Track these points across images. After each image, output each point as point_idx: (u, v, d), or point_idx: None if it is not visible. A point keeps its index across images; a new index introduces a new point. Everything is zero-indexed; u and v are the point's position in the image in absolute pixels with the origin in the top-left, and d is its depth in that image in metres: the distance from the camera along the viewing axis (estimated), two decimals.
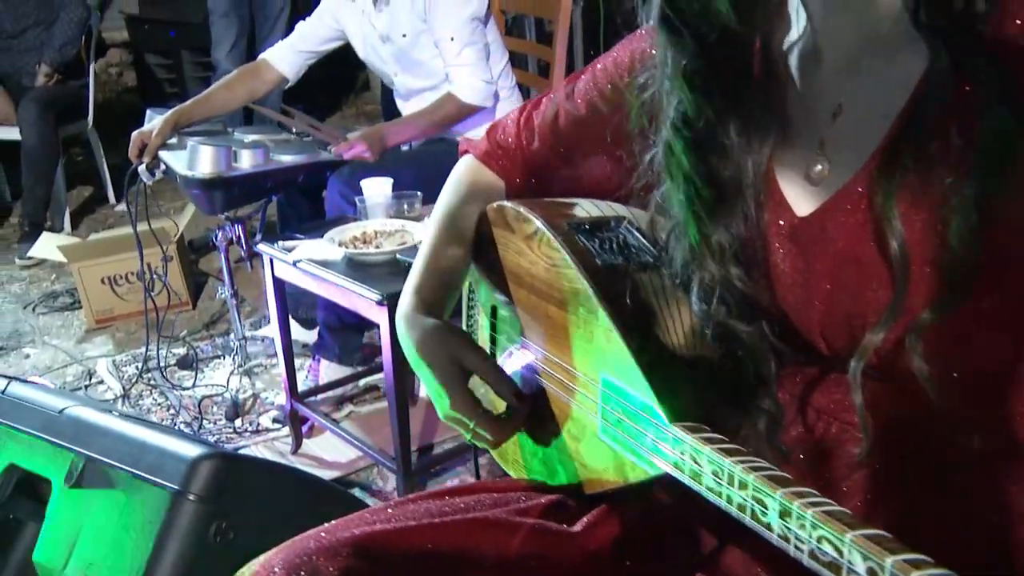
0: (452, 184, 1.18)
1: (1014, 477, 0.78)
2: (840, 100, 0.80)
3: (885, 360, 0.76)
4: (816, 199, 0.81)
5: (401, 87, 2.86)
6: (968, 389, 0.75)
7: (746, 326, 0.82)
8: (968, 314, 0.72)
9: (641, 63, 0.99)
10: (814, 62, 0.82)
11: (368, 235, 2.23)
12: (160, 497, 1.52)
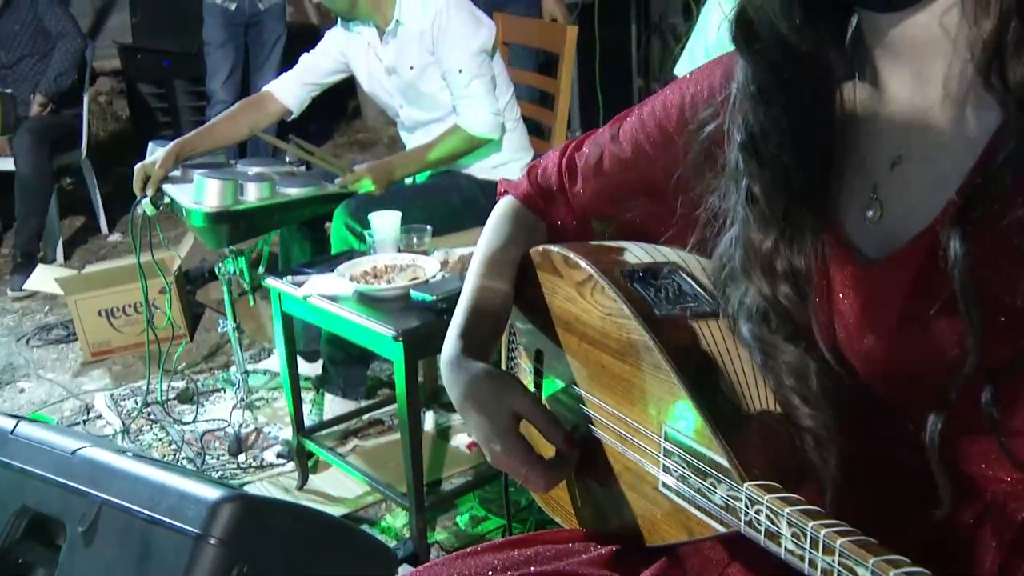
0: (493, 225, 1.17)
1: None
2: (901, 151, 0.80)
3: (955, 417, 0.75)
4: (873, 245, 0.81)
5: (407, 119, 2.86)
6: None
7: (793, 347, 0.82)
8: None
9: (692, 106, 0.99)
10: (877, 106, 0.82)
11: (379, 270, 2.21)
12: (180, 542, 1.50)
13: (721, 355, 0.86)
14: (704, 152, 0.95)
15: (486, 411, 0.97)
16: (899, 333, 0.78)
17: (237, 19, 4.60)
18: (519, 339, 1.17)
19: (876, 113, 0.82)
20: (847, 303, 0.82)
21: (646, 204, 1.08)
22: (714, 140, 0.94)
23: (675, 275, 0.98)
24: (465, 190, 2.77)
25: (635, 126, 1.07)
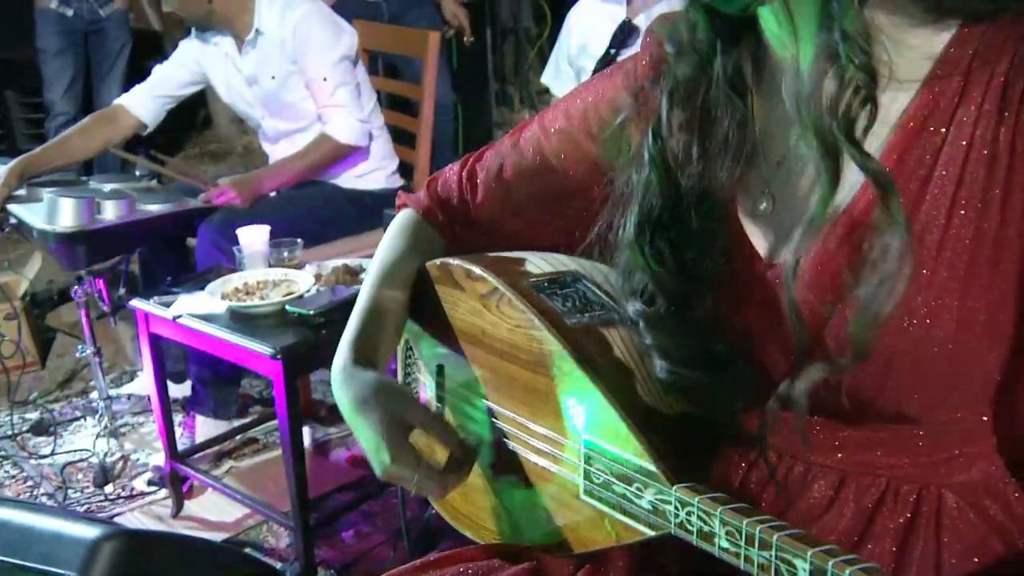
0: (390, 238, 1.15)
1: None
2: (785, 152, 0.84)
3: (859, 400, 0.79)
4: (769, 242, 0.85)
5: (269, 130, 2.79)
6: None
7: (674, 319, 0.86)
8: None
9: (595, 110, 1.01)
10: (771, 107, 0.86)
11: (251, 286, 2.15)
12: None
13: (635, 362, 0.88)
14: (611, 147, 0.98)
15: (376, 420, 0.96)
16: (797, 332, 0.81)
17: (75, 26, 4.36)
18: (417, 354, 1.16)
19: (769, 113, 0.86)
20: (750, 297, 0.84)
21: (547, 212, 1.09)
22: (620, 135, 0.96)
23: (579, 283, 0.99)
24: (332, 200, 2.72)
25: (537, 134, 1.08)
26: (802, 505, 0.86)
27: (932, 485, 0.83)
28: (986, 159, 0.73)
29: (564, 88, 2.44)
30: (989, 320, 0.75)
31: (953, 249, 0.74)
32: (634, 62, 1.00)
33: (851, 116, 0.74)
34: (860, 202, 0.78)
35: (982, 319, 0.75)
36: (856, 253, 0.76)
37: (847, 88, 0.74)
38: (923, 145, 0.75)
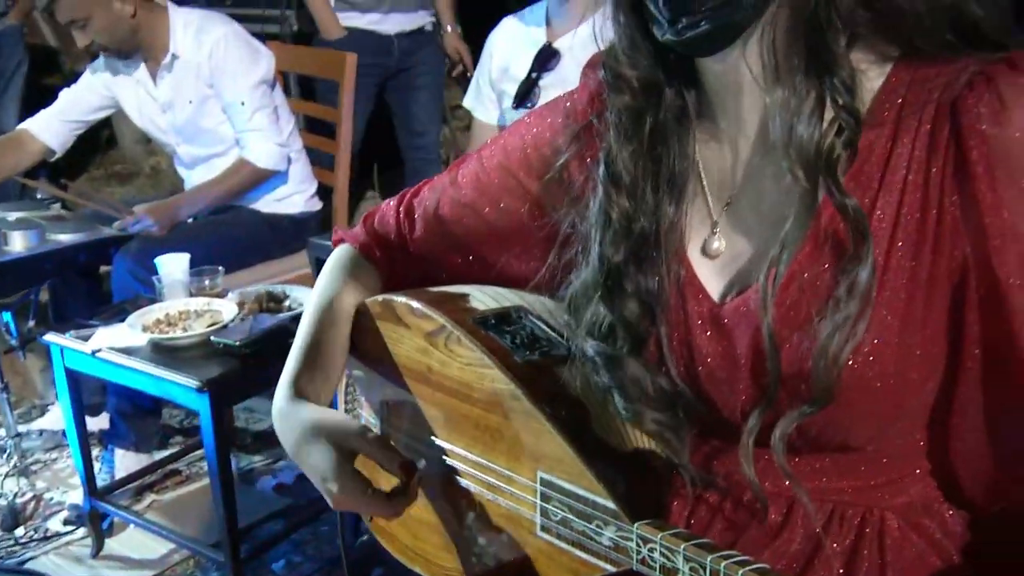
0: (327, 274, 1.14)
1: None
2: (732, 192, 0.87)
3: (806, 434, 0.82)
4: (721, 281, 0.87)
5: (185, 156, 2.73)
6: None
7: (635, 360, 0.87)
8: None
9: (535, 147, 1.02)
10: (715, 146, 0.88)
11: (173, 317, 2.10)
12: None
13: (586, 396, 0.89)
14: (553, 187, 0.99)
15: (320, 452, 0.96)
16: (751, 372, 0.84)
17: None
18: (359, 391, 1.16)
19: (715, 154, 0.88)
20: (704, 336, 0.87)
21: (486, 248, 1.09)
22: (562, 176, 0.98)
23: (525, 319, 1.00)
24: (251, 225, 2.68)
25: (475, 170, 1.08)
26: (753, 531, 0.88)
27: (875, 508, 0.86)
28: (919, 201, 0.77)
29: (487, 111, 2.46)
30: (924, 354, 0.78)
31: (892, 289, 0.77)
32: (572, 99, 1.01)
33: (833, 156, 0.76)
34: (826, 242, 0.80)
35: (919, 354, 0.78)
36: (820, 290, 0.79)
37: (831, 128, 0.77)
38: (863, 186, 0.78)
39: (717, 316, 0.86)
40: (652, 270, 0.88)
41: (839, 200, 0.76)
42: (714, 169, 0.89)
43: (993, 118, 0.73)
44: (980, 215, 0.74)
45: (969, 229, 0.75)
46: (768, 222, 0.84)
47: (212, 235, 2.59)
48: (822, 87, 0.77)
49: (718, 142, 0.88)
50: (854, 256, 0.76)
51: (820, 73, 0.77)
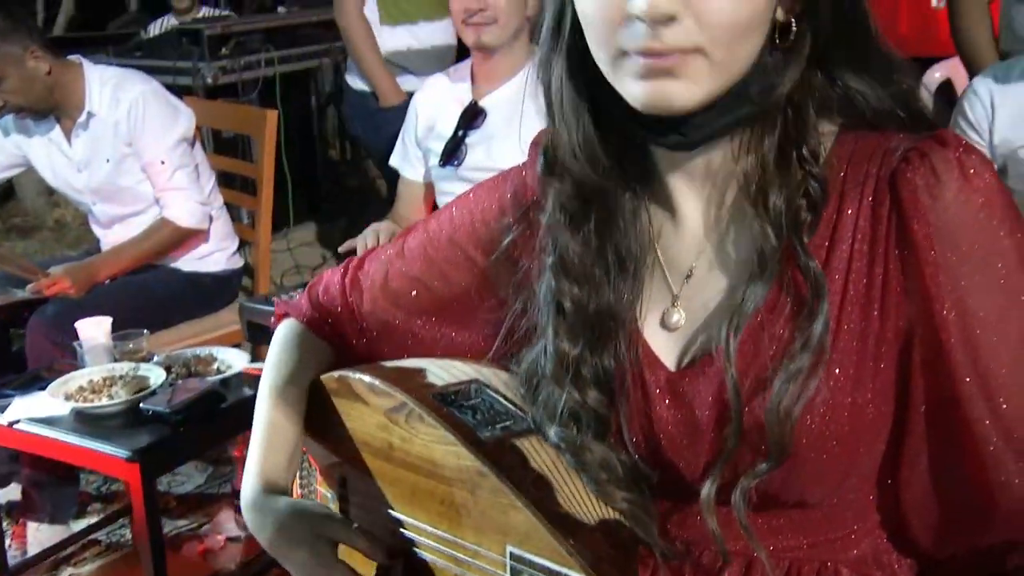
0: (277, 352, 1.14)
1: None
2: (693, 264, 0.91)
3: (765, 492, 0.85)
4: (679, 351, 0.90)
5: (101, 215, 2.68)
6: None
7: (600, 444, 0.89)
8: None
9: (483, 222, 1.04)
10: (672, 223, 0.92)
11: (97, 384, 2.04)
12: None
13: (551, 470, 0.91)
14: (499, 269, 1.01)
15: (303, 547, 0.96)
16: (713, 434, 0.87)
17: None
18: (313, 466, 1.15)
19: (672, 230, 0.92)
20: (663, 404, 0.90)
21: (436, 319, 1.11)
22: (510, 254, 1.00)
23: (483, 393, 1.02)
24: (172, 284, 2.64)
25: (423, 243, 1.09)
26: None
27: (829, 562, 0.90)
28: (866, 268, 0.82)
29: (414, 169, 2.47)
30: (875, 413, 0.83)
31: (843, 350, 0.82)
32: (519, 174, 1.04)
33: (800, 220, 0.81)
34: (785, 301, 0.84)
35: (870, 413, 0.83)
36: (774, 349, 0.83)
37: (797, 193, 0.82)
38: (815, 250, 0.83)
39: (675, 384, 0.89)
40: (609, 351, 0.90)
41: (804, 261, 0.81)
42: (671, 244, 0.92)
43: (929, 191, 0.79)
44: (922, 281, 0.80)
45: (912, 294, 0.81)
46: (728, 290, 0.88)
47: (132, 296, 2.53)
48: (792, 156, 0.82)
49: (675, 217, 0.91)
50: (810, 312, 0.81)
51: (791, 143, 0.82)
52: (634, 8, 0.74)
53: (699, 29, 0.75)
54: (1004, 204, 0.79)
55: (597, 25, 0.79)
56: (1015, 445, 0.80)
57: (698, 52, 0.76)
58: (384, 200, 5.30)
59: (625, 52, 0.77)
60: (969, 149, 0.80)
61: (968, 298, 0.79)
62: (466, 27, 2.21)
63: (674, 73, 0.76)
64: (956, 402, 0.80)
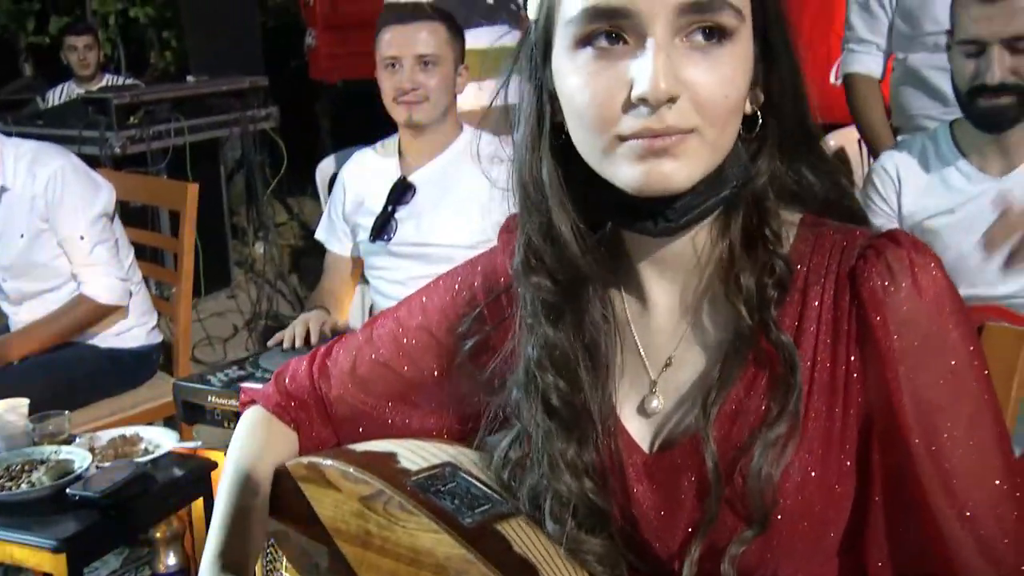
0: (242, 438, 1.13)
1: None
2: (672, 353, 0.95)
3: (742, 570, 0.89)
4: (657, 433, 0.94)
5: (12, 292, 2.59)
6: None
7: (599, 539, 0.92)
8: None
9: (454, 309, 1.07)
10: (646, 312, 0.96)
11: (15, 470, 1.96)
12: None
13: (534, 554, 0.93)
14: (471, 355, 1.04)
15: None
16: (692, 511, 0.91)
17: None
18: (278, 552, 1.14)
19: (645, 317, 0.96)
20: (642, 489, 0.93)
21: (403, 403, 1.12)
22: (483, 340, 1.03)
23: (458, 477, 1.03)
24: (90, 362, 2.57)
25: (392, 330, 1.12)
26: None
27: None
28: (830, 356, 0.88)
29: (340, 244, 2.48)
30: (841, 492, 0.88)
31: (812, 428, 0.87)
32: (491, 258, 1.07)
33: (768, 296, 0.87)
34: (756, 376, 0.89)
35: (837, 491, 0.88)
36: (751, 422, 0.88)
37: (764, 272, 0.87)
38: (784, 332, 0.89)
39: (653, 467, 0.93)
40: (592, 440, 0.93)
41: (776, 336, 0.87)
42: (647, 331, 0.96)
43: (884, 286, 0.85)
44: (882, 369, 0.86)
45: (871, 381, 0.87)
46: (705, 370, 0.92)
47: (49, 375, 2.45)
48: (757, 239, 0.88)
49: (646, 304, 0.96)
50: (785, 384, 0.86)
51: (757, 227, 0.88)
52: (637, 92, 0.78)
53: (694, 110, 0.80)
54: (952, 298, 0.86)
55: (594, 115, 0.82)
56: (968, 525, 0.86)
57: (694, 132, 0.80)
58: (291, 269, 5.29)
59: (623, 138, 0.81)
60: (919, 248, 0.87)
61: (922, 385, 0.85)
62: (397, 105, 2.25)
63: (672, 153, 0.80)
64: (915, 482, 0.86)
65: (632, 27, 0.79)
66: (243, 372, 1.93)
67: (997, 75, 1.85)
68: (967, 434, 0.85)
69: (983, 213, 1.98)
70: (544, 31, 0.87)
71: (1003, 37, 1.83)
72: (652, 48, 0.78)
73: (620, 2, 0.78)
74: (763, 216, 0.89)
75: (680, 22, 0.79)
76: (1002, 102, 1.88)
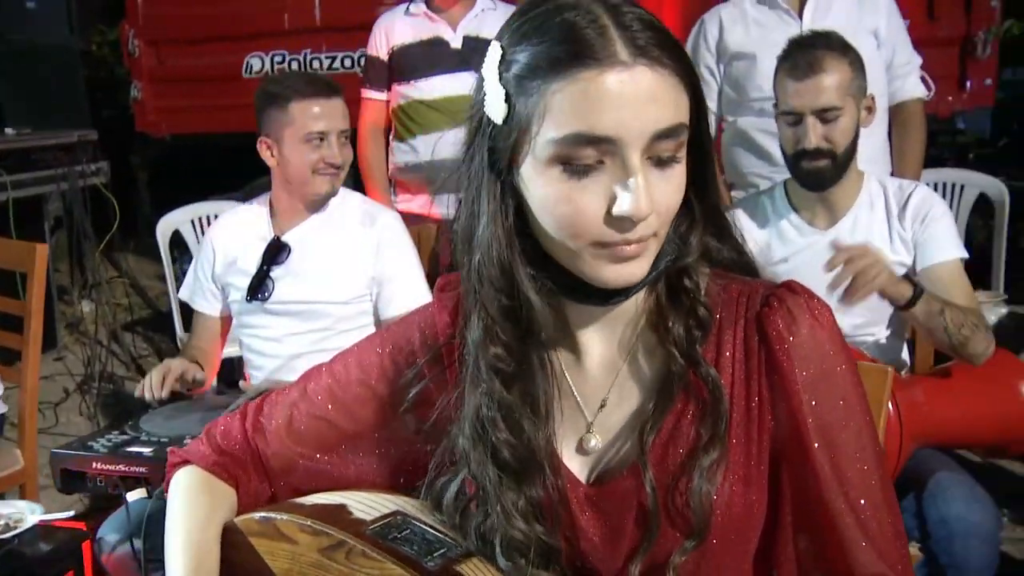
0: (186, 501, 1.16)
1: None
2: (605, 396, 1.07)
3: None
4: (595, 467, 1.05)
5: None
6: None
7: (549, 573, 1.02)
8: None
9: (393, 363, 1.15)
10: (580, 362, 1.08)
11: None
12: None
13: None
14: (412, 403, 1.12)
15: None
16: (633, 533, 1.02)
17: None
18: None
19: (579, 367, 1.07)
20: (586, 518, 1.04)
21: (338, 454, 1.19)
22: (423, 393, 1.11)
23: (411, 523, 1.10)
24: None
25: (328, 384, 1.18)
26: None
27: None
28: (744, 391, 1.02)
29: (208, 303, 2.45)
30: (758, 504, 1.02)
31: (734, 458, 1.01)
32: (429, 316, 1.15)
33: (694, 337, 1.01)
34: (687, 407, 1.02)
35: (755, 504, 1.02)
36: (684, 448, 1.00)
37: (688, 317, 1.01)
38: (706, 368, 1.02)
39: (594, 497, 1.04)
40: (538, 482, 1.03)
41: (704, 371, 1.00)
42: (583, 380, 1.07)
43: (787, 328, 1.01)
44: (789, 399, 1.01)
45: (780, 409, 1.02)
46: (638, 408, 1.05)
47: None
48: (680, 291, 1.03)
49: (579, 356, 1.07)
50: (713, 411, 1.00)
51: (679, 281, 1.02)
52: (622, 211, 0.91)
53: (656, 219, 0.94)
54: (840, 336, 1.04)
55: (573, 226, 0.93)
56: (860, 522, 1.01)
57: (654, 236, 0.95)
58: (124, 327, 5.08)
59: (602, 243, 0.93)
60: (812, 295, 1.04)
61: (822, 409, 1.01)
62: (317, 176, 2.28)
63: (637, 255, 0.94)
64: (818, 488, 1.01)
65: (611, 151, 0.91)
66: (127, 437, 1.89)
67: (812, 141, 2.11)
68: (856, 447, 1.02)
69: (813, 262, 2.22)
70: (514, 140, 0.95)
71: (814, 109, 2.10)
72: (634, 173, 0.91)
73: (606, 132, 0.90)
74: (686, 272, 1.03)
75: (651, 147, 0.91)
76: (819, 164, 2.14)
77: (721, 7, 3.00)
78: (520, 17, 0.96)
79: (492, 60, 0.96)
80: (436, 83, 3.12)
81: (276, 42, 5.37)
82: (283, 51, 5.36)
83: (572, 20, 0.91)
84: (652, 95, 0.90)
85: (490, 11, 3.19)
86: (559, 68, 0.90)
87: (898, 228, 2.19)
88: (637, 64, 0.90)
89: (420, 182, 3.25)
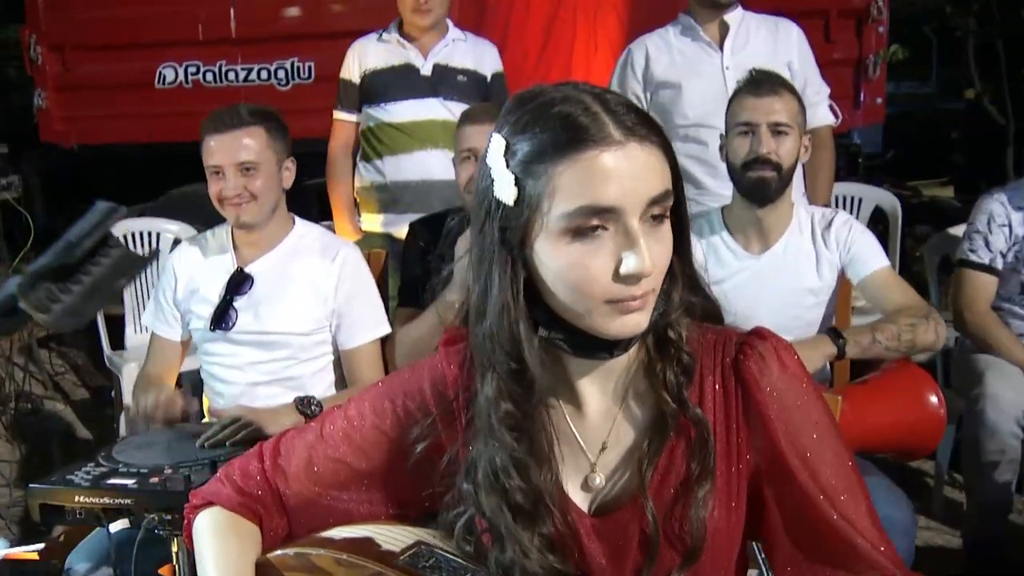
0: (216, 541, 1.25)
1: None
2: (606, 439, 1.21)
3: None
4: (598, 500, 1.19)
5: None
6: None
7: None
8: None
9: (404, 410, 1.26)
10: (579, 410, 1.21)
11: None
12: None
13: None
14: (425, 448, 1.23)
15: None
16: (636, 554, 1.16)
17: None
18: None
19: (579, 414, 1.21)
20: (593, 547, 1.18)
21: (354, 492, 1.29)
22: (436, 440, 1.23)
23: (435, 553, 1.21)
24: None
25: (344, 429, 1.28)
26: None
27: None
28: (724, 429, 1.17)
29: (169, 328, 2.49)
30: (736, 527, 1.18)
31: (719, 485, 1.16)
32: (438, 369, 1.26)
33: (680, 382, 1.15)
34: (678, 444, 1.16)
35: (734, 527, 1.18)
36: (678, 481, 1.15)
37: (674, 364, 1.16)
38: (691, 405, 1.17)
39: (599, 526, 1.18)
40: (550, 519, 1.16)
41: (692, 412, 1.15)
42: (584, 425, 1.21)
43: (760, 372, 1.17)
44: (768, 433, 1.17)
45: (758, 443, 1.17)
46: (635, 446, 1.19)
47: None
48: (665, 341, 1.17)
49: (579, 405, 1.20)
50: (701, 448, 1.15)
51: (663, 332, 1.16)
52: (630, 269, 1.05)
53: (657, 275, 1.09)
54: (805, 372, 1.20)
55: (587, 287, 1.06)
56: (846, 521, 1.15)
57: (653, 290, 1.10)
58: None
59: (611, 300, 1.07)
60: (778, 339, 1.20)
61: (799, 437, 1.17)
62: (226, 206, 2.33)
63: (641, 308, 1.09)
64: (805, 500, 1.16)
65: (614, 218, 1.05)
66: (105, 468, 1.91)
67: (764, 147, 2.32)
68: (833, 462, 1.17)
69: (748, 284, 2.41)
70: (527, 217, 1.07)
71: (769, 122, 2.33)
72: (638, 236, 1.05)
73: (610, 202, 1.04)
74: (670, 325, 1.18)
75: (646, 211, 1.06)
76: (766, 174, 2.34)
77: (647, 37, 3.17)
78: (516, 112, 1.10)
79: (496, 150, 1.09)
80: (405, 107, 3.29)
81: (190, 52, 5.34)
82: (197, 61, 5.34)
83: (567, 110, 1.06)
84: (645, 167, 1.06)
85: (460, 41, 3.40)
86: (563, 151, 1.05)
87: (825, 253, 2.41)
88: (629, 142, 1.05)
89: (384, 202, 3.39)
